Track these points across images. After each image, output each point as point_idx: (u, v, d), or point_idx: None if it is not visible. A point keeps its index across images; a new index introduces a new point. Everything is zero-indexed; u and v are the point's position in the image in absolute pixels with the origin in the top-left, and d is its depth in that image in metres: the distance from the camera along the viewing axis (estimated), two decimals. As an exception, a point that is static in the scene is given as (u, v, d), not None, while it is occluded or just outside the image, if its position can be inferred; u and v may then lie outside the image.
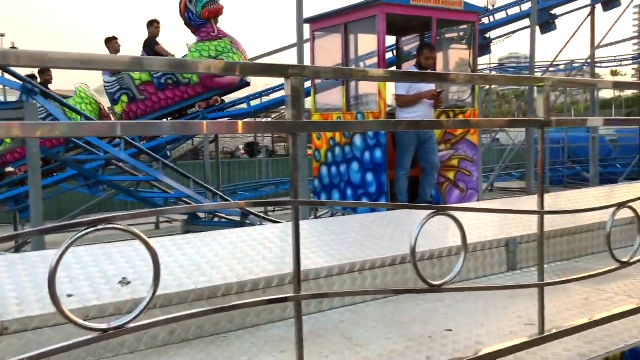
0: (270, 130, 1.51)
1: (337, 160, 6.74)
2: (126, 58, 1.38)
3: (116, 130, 1.49)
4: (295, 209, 1.57)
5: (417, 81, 6.05)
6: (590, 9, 11.49)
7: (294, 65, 1.49)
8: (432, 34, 6.47)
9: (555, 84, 2.00)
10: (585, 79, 4.29)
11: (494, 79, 5.51)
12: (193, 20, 10.19)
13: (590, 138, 12.38)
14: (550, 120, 2.05)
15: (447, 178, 6.68)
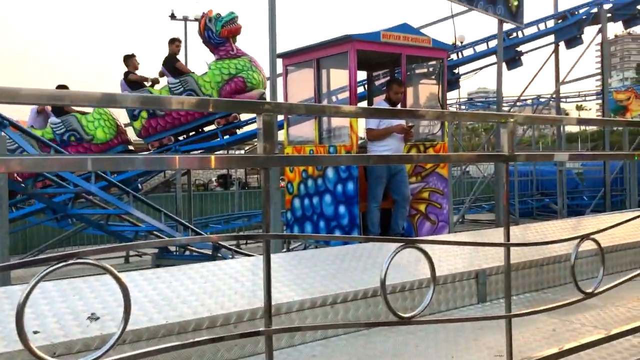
0: (243, 164, 1.53)
1: (309, 192, 6.77)
2: (97, 94, 1.39)
3: (87, 165, 1.49)
4: (267, 242, 1.59)
5: (388, 115, 6.15)
6: (554, 47, 11.92)
7: (266, 102, 1.52)
8: (402, 69, 6.63)
9: (520, 120, 2.07)
10: (549, 116, 4.44)
11: (461, 115, 5.64)
12: (212, 39, 10.34)
13: (558, 171, 12.69)
14: (514, 155, 2.12)
15: (419, 210, 6.76)
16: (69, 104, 1.47)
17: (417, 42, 6.58)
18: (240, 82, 10.19)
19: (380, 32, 6.37)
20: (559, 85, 11.82)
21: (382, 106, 6.54)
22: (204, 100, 1.52)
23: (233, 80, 10.16)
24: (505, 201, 2.21)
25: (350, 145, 6.30)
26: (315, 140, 6.75)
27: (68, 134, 10.20)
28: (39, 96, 1.25)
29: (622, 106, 22.40)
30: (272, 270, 3.54)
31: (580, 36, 11.39)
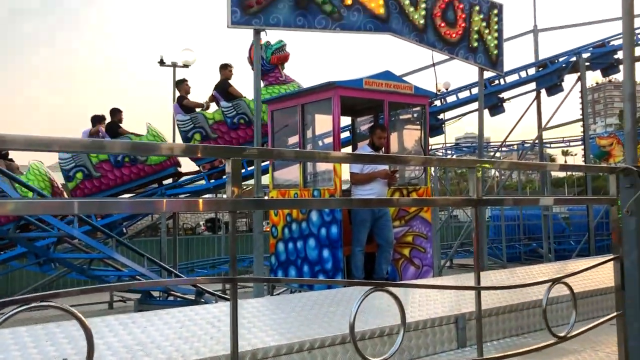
0: (211, 208, 1.56)
1: (293, 236, 6.77)
2: (87, 141, 1.44)
3: (73, 208, 1.51)
4: (234, 285, 1.60)
5: (371, 160, 6.24)
6: (536, 93, 12.21)
7: (233, 147, 1.56)
8: (385, 115, 6.75)
9: (500, 166, 2.13)
10: (527, 162, 4.54)
11: (431, 161, 5.73)
12: (263, 65, 10.20)
13: (543, 216, 12.80)
14: (483, 200, 2.17)
15: (402, 254, 6.77)
16: (57, 150, 1.51)
17: (399, 89, 6.72)
18: None
19: (362, 80, 6.51)
20: (541, 130, 12.05)
21: (366, 151, 6.63)
22: (170, 145, 1.56)
23: None
24: (476, 245, 2.25)
25: (334, 189, 6.35)
26: (299, 184, 6.80)
27: (123, 155, 10.31)
28: (26, 141, 1.29)
29: (605, 152, 22.79)
30: (251, 315, 3.54)
31: (561, 84, 11.68)
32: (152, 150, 1.85)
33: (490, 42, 7.66)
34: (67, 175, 10.41)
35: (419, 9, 6.80)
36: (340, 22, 6.23)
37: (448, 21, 7.14)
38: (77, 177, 10.35)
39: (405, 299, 3.80)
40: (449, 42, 7.19)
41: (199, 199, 1.59)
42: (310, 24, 6.08)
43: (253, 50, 10.24)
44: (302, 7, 6.03)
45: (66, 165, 10.39)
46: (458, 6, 7.27)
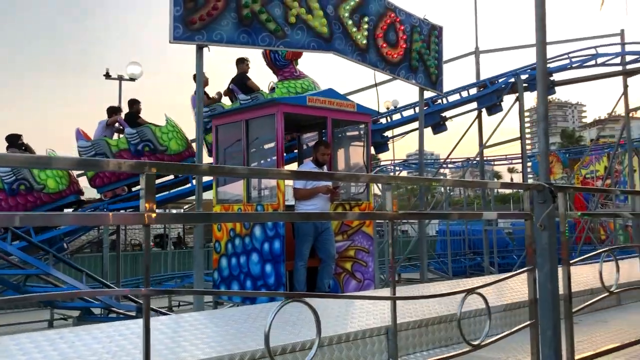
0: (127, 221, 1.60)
1: (237, 251, 6.78)
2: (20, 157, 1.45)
3: (15, 220, 1.51)
4: (146, 298, 1.65)
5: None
6: (477, 112, 12.65)
7: (149, 162, 1.62)
8: (328, 131, 6.88)
9: (415, 182, 2.24)
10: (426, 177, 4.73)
11: (357, 177, 5.86)
12: (278, 61, 10.77)
13: (484, 230, 13.21)
14: (398, 215, 2.28)
15: (344, 268, 6.87)
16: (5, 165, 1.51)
17: (342, 106, 6.88)
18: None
19: (305, 97, 6.64)
20: (482, 148, 12.47)
21: (309, 167, 6.74)
22: (81, 160, 1.59)
23: None
24: (392, 258, 2.36)
25: (277, 204, 6.41)
26: (243, 199, 6.83)
27: (142, 144, 10.30)
28: None
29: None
30: (183, 329, 3.55)
31: (500, 103, 12.16)
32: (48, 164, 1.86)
33: (430, 63, 7.94)
34: None
35: (361, 30, 7.00)
36: (284, 40, 6.35)
37: (390, 42, 7.36)
38: None
39: (338, 311, 3.89)
40: (391, 62, 7.41)
41: (109, 213, 1.63)
42: (254, 41, 6.17)
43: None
44: (245, 25, 6.12)
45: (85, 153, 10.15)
46: (399, 28, 7.52)
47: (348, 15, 6.84)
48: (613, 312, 5.07)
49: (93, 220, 1.62)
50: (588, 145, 26.67)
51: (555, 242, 2.98)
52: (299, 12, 6.43)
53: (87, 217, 2.00)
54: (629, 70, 13.68)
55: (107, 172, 10.00)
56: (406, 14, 7.66)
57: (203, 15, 5.86)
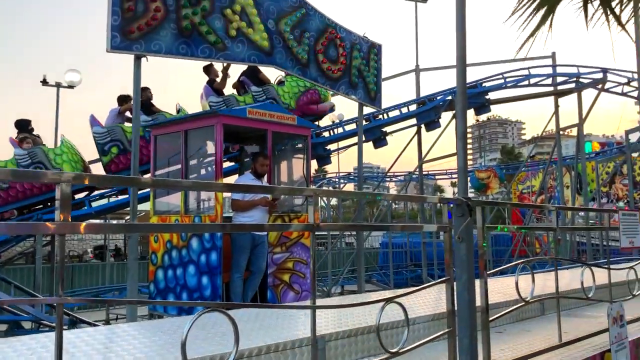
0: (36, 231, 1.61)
1: (173, 263, 6.73)
2: None
3: None
4: (59, 306, 1.66)
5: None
6: (416, 128, 13.02)
7: (64, 172, 1.64)
8: (268, 144, 6.94)
9: (320, 194, 2.33)
10: (346, 191, 4.91)
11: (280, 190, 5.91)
12: None
13: (422, 243, 13.55)
14: (318, 225, 2.37)
15: (282, 280, 6.92)
16: None
17: (282, 119, 6.96)
18: (316, 93, 11.14)
19: (246, 108, 6.69)
20: (421, 162, 12.83)
21: (248, 178, 6.76)
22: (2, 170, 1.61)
23: (309, 91, 11.06)
24: (313, 267, 2.43)
25: (214, 216, 6.41)
26: (181, 210, 6.79)
27: None
28: None
29: (483, 184, 24.63)
30: (110, 341, 3.51)
31: (438, 120, 12.56)
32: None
33: (369, 79, 8.15)
34: (102, 149, 10.09)
35: (302, 45, 7.12)
36: (224, 52, 6.39)
37: (330, 58, 7.53)
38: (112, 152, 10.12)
39: (269, 322, 3.94)
40: (331, 78, 7.57)
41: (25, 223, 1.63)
42: (193, 52, 6.18)
43: None
44: (185, 36, 6.12)
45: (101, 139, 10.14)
46: (340, 44, 7.69)
47: (289, 30, 6.96)
48: (537, 322, 5.31)
49: (10, 230, 1.62)
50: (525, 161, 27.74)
51: (473, 253, 3.14)
52: (240, 25, 6.49)
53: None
54: (560, 91, 14.40)
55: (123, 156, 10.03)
56: (346, 31, 7.85)
57: (142, 25, 5.84)
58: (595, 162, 24.96)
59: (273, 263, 6.88)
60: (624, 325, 4.17)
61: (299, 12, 7.08)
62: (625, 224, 4.66)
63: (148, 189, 7.00)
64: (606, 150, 26.39)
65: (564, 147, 18.99)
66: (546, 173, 20.44)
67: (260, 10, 6.73)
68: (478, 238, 3.24)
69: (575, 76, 14.56)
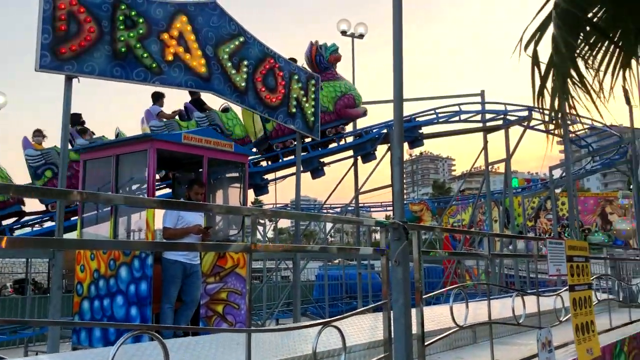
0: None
1: (100, 294, 6.40)
2: None
3: None
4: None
5: (184, 215, 6.23)
6: (353, 160, 13.19)
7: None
8: (204, 170, 6.81)
9: (258, 214, 2.27)
10: (282, 210, 4.92)
11: (212, 207, 5.80)
12: (322, 63, 12.49)
13: (358, 274, 13.59)
14: (255, 247, 2.31)
15: (216, 311, 6.71)
16: None
17: (219, 146, 6.86)
18: (352, 98, 12.36)
19: (181, 134, 6.56)
20: (357, 193, 12.97)
21: (182, 206, 6.59)
22: None
23: (345, 96, 12.26)
24: (249, 291, 2.36)
25: (146, 244, 6.17)
26: (110, 238, 6.51)
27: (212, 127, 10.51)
28: None
29: (417, 216, 25.23)
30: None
31: (374, 152, 12.79)
32: None
33: (307, 109, 8.20)
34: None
35: (240, 72, 7.10)
36: (160, 76, 6.27)
37: (268, 86, 7.53)
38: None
39: (201, 353, 3.78)
40: (269, 106, 7.56)
41: None
42: (128, 75, 6.02)
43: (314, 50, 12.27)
44: (120, 58, 5.97)
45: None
46: (278, 74, 7.72)
47: (227, 57, 6.93)
48: (470, 349, 5.38)
49: None
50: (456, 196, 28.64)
51: (408, 277, 3.15)
52: (177, 50, 6.41)
53: None
54: (488, 128, 15.03)
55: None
56: (285, 61, 7.91)
57: (74, 46, 5.64)
58: (521, 197, 26.09)
59: (206, 294, 6.68)
60: (552, 350, 4.29)
61: (238, 40, 7.08)
62: (553, 252, 4.83)
63: (75, 216, 6.68)
64: (531, 186, 27.67)
65: (492, 183, 19.75)
66: (475, 207, 21.12)
67: (199, 36, 6.67)
68: (414, 265, 3.26)
69: (503, 113, 15.26)
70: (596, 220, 29.98)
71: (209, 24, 6.83)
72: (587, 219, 29.55)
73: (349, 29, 15.59)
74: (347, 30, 15.58)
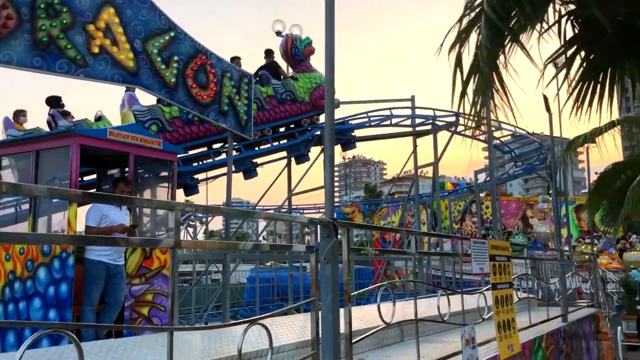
0: None
1: (15, 296, 6.04)
2: None
3: None
4: None
5: (108, 213, 6.00)
6: (287, 161, 13.16)
7: None
8: (130, 168, 6.58)
9: (181, 208, 2.20)
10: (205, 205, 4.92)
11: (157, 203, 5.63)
12: (297, 55, 13.17)
13: (289, 275, 13.56)
14: (179, 243, 2.23)
15: (141, 314, 6.50)
16: None
17: (147, 142, 6.66)
18: None
19: (107, 129, 6.31)
20: (290, 195, 12.94)
21: (105, 205, 6.33)
22: None
23: (320, 87, 12.89)
24: (173, 287, 2.28)
25: (67, 246, 5.88)
26: (27, 238, 6.15)
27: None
28: None
29: (348, 218, 25.52)
30: None
31: (307, 154, 12.81)
32: None
33: (240, 108, 8.08)
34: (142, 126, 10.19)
35: (170, 68, 6.90)
36: (85, 69, 5.99)
37: (200, 83, 7.36)
38: (152, 129, 10.73)
39: (123, 355, 3.64)
40: (200, 103, 7.39)
41: None
42: (49, 67, 5.72)
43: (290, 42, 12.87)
44: (41, 49, 5.66)
45: (142, 117, 10.72)
46: (210, 70, 7.57)
47: (157, 52, 6.72)
48: (397, 347, 5.46)
49: None
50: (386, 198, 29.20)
51: (337, 274, 3.14)
52: (104, 42, 6.14)
53: None
54: (418, 132, 15.40)
55: None
56: (217, 58, 7.76)
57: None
58: (448, 200, 26.92)
59: (131, 295, 6.45)
60: (475, 347, 4.41)
61: (168, 35, 6.87)
62: (476, 252, 4.98)
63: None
64: (458, 190, 28.60)
65: (421, 187, 20.27)
66: (405, 209, 21.61)
67: (127, 30, 6.43)
68: (344, 263, 3.26)
69: (432, 118, 15.68)
70: (518, 223, 31.40)
71: (138, 17, 6.60)
72: (509, 222, 30.89)
73: (284, 29, 15.55)
74: (282, 31, 15.53)
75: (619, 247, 26.31)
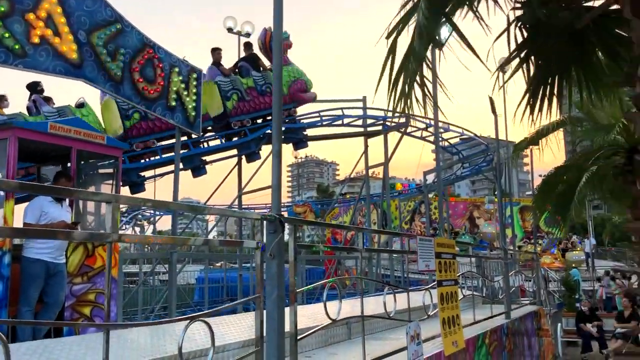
0: None
1: (-54, 297, 5.73)
2: None
3: None
4: None
5: (48, 210, 5.78)
6: (237, 159, 13.02)
7: None
8: (72, 164, 6.36)
9: (121, 201, 2.13)
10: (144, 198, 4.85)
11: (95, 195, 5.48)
12: None
13: (239, 275, 13.44)
14: (119, 236, 2.16)
15: (82, 314, 6.28)
16: None
17: (90, 137, 6.44)
18: (303, 83, 13.20)
19: (48, 123, 6.08)
20: (240, 193, 12.82)
21: (45, 201, 6.08)
22: None
23: (298, 80, 13.01)
24: (108, 280, 2.20)
25: (2, 241, 5.63)
26: (-41, 235, 5.86)
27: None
28: None
29: (300, 217, 25.58)
30: None
31: (258, 152, 12.71)
32: None
33: (188, 103, 7.94)
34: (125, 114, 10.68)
35: (116, 61, 6.71)
36: (24, 59, 5.74)
37: (146, 77, 7.19)
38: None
39: (60, 355, 3.49)
40: (147, 98, 7.22)
41: None
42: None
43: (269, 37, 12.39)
44: (-24, 37, 5.40)
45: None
46: (158, 65, 7.40)
47: (102, 44, 6.51)
48: (344, 345, 5.47)
49: None
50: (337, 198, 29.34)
51: (283, 271, 3.11)
52: (45, 33, 5.91)
53: None
54: (369, 133, 15.53)
55: None
56: (165, 52, 7.60)
57: None
58: (398, 200, 27.28)
59: (72, 295, 6.23)
60: (420, 343, 4.46)
61: (114, 27, 6.68)
62: (422, 249, 5.05)
63: None
64: (408, 190, 29.03)
65: (372, 187, 20.48)
66: (356, 209, 21.76)
67: (70, 20, 6.21)
68: (289, 260, 3.23)
69: (383, 119, 15.84)
70: (465, 224, 32.13)
71: (82, 8, 6.39)
72: (457, 222, 31.56)
73: (235, 26, 15.41)
74: (233, 27, 15.38)
75: (562, 247, 27.34)
